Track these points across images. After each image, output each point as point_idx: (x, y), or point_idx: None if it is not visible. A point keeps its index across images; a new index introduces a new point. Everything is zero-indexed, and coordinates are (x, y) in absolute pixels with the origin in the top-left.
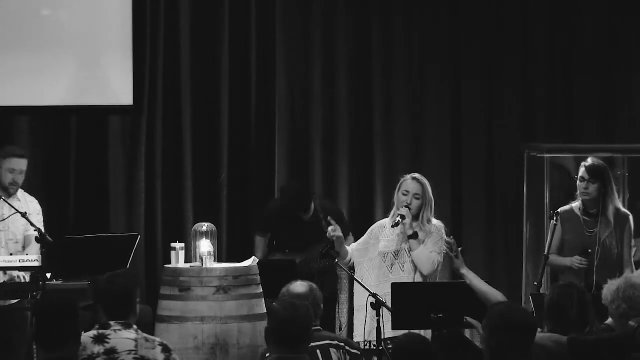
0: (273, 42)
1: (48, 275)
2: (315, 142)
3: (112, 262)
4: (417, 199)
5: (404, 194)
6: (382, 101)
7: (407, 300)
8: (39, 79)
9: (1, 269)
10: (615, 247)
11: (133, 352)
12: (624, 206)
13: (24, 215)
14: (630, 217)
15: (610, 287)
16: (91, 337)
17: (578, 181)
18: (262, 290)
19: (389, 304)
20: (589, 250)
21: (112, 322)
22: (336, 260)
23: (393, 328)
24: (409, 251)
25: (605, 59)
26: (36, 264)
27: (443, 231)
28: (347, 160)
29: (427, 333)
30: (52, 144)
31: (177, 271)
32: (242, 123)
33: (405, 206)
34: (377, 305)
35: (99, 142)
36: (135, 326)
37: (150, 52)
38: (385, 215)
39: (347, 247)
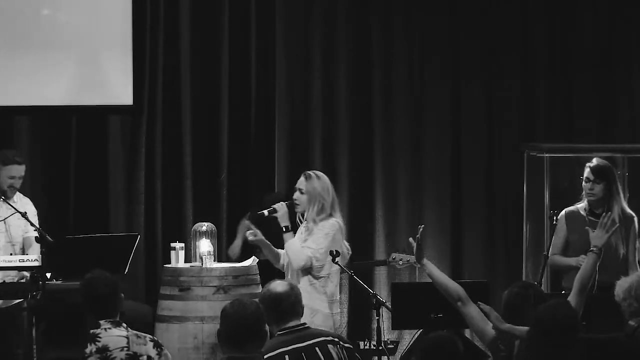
0: (273, 42)
1: (48, 275)
2: (315, 142)
3: (112, 262)
4: (302, 193)
5: (294, 190)
6: (382, 101)
7: (407, 300)
8: (39, 79)
9: (1, 268)
10: (622, 248)
11: (125, 348)
12: None
13: (23, 215)
14: (636, 219)
15: (622, 286)
16: None
17: (583, 182)
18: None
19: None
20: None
21: (101, 322)
22: (336, 260)
23: (393, 328)
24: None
25: (605, 59)
26: (36, 264)
27: (331, 230)
28: (347, 160)
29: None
30: (52, 144)
31: (177, 271)
32: (242, 123)
33: (290, 202)
34: (377, 305)
35: (99, 142)
36: (124, 324)
37: (150, 52)
38: (384, 216)
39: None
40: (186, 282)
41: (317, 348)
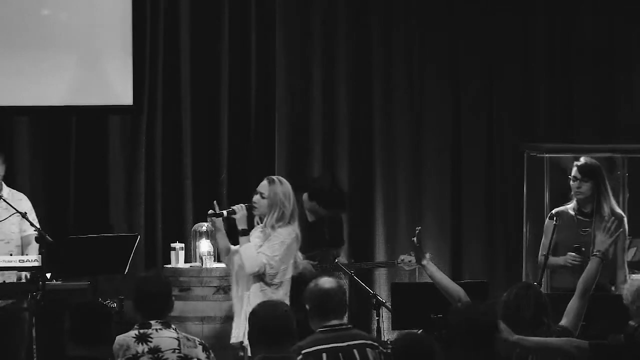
0: (273, 43)
1: (48, 275)
2: (315, 143)
3: (112, 262)
4: (263, 198)
5: (255, 193)
6: (382, 101)
7: (407, 300)
8: (39, 79)
9: (1, 269)
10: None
11: (177, 350)
12: (623, 206)
13: (24, 215)
14: (625, 219)
15: (630, 288)
16: (134, 337)
17: (571, 181)
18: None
19: (236, 308)
20: (583, 249)
21: (152, 322)
22: (336, 260)
23: (393, 328)
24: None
25: (605, 59)
26: (36, 264)
27: (290, 239)
28: (347, 161)
29: None
30: (52, 144)
31: (177, 271)
32: (242, 123)
33: (249, 205)
34: (377, 305)
35: (99, 142)
36: (173, 325)
37: (150, 52)
38: (384, 217)
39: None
40: (186, 282)
41: (355, 350)
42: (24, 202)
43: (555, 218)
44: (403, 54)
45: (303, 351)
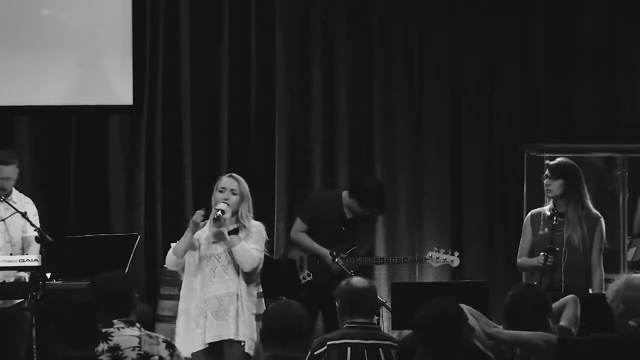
0: (273, 43)
1: (48, 275)
2: (315, 143)
3: (112, 262)
4: (235, 194)
5: (220, 192)
6: (382, 101)
7: (407, 300)
8: (39, 79)
9: (1, 268)
10: (581, 246)
11: (137, 348)
12: (623, 206)
13: (24, 215)
14: (602, 220)
15: (612, 287)
16: None
17: (544, 180)
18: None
19: (216, 307)
20: (557, 249)
21: (115, 321)
22: (336, 260)
23: (393, 328)
24: (230, 253)
25: (605, 59)
26: (36, 264)
27: (263, 230)
28: (347, 161)
29: None
30: (52, 144)
31: (177, 271)
32: (242, 123)
33: (224, 202)
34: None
35: (99, 142)
36: (138, 324)
37: (150, 52)
38: (384, 216)
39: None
40: None
41: (380, 349)
42: (29, 206)
43: (555, 218)
44: (403, 54)
45: (328, 342)
